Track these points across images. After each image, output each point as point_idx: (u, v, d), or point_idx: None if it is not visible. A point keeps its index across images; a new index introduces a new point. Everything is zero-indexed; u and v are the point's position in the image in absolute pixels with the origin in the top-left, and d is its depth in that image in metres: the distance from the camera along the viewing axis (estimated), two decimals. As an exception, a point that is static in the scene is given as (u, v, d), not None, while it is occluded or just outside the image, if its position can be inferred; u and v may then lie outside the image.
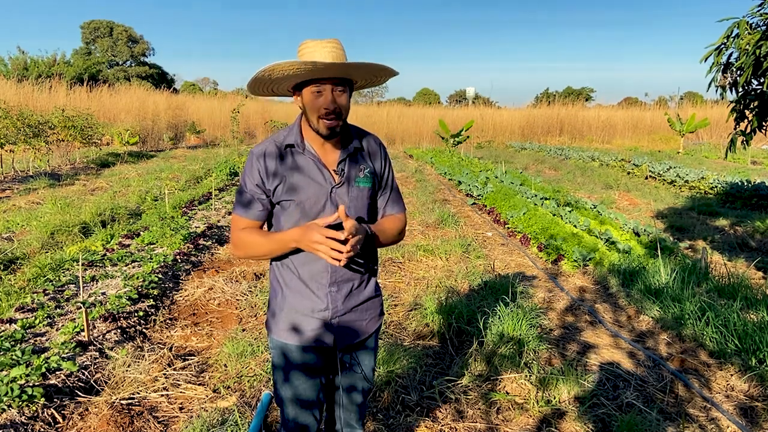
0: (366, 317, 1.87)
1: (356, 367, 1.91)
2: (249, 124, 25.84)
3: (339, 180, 1.74)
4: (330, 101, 1.62)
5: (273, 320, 1.83)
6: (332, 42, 1.65)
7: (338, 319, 1.79)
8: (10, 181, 10.90)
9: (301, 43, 1.68)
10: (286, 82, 1.69)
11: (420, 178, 13.21)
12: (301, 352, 1.79)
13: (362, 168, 1.79)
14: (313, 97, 1.64)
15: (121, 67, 45.51)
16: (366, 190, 1.80)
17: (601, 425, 2.98)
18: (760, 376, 3.42)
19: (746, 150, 8.30)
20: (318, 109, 1.64)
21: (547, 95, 47.85)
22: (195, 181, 11.64)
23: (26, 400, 2.83)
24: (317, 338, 1.78)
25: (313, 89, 1.64)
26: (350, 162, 1.77)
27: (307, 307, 1.77)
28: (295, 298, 1.78)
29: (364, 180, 1.79)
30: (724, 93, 4.88)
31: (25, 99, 18.30)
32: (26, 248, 5.88)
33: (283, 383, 1.84)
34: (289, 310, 1.79)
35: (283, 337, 1.79)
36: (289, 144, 1.73)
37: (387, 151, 1.94)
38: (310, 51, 1.64)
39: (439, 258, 6.12)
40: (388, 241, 1.86)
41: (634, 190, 12.09)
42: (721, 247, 6.99)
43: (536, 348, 3.73)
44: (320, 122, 1.65)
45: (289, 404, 1.84)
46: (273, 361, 1.87)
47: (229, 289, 4.89)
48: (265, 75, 1.62)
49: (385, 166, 1.89)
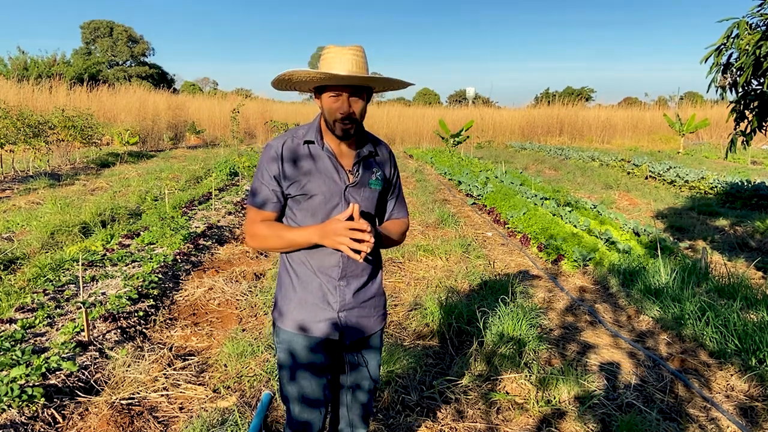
0: (372, 314, 1.91)
1: (362, 365, 1.94)
2: (249, 124, 25.83)
3: (353, 180, 1.80)
4: (346, 108, 1.70)
5: (281, 311, 1.86)
6: (354, 49, 1.70)
7: (346, 312, 1.83)
8: (10, 181, 10.89)
9: (325, 47, 1.74)
10: (307, 85, 1.77)
11: (420, 178, 13.21)
12: (308, 347, 1.82)
13: (374, 171, 1.87)
14: (331, 102, 1.71)
15: (121, 67, 45.51)
16: (376, 193, 1.87)
17: (601, 425, 2.98)
18: (760, 376, 3.42)
19: (746, 150, 8.30)
20: (334, 113, 1.71)
21: (547, 95, 47.84)
22: (195, 181, 11.65)
23: (26, 400, 2.83)
24: (324, 331, 1.81)
25: (331, 94, 1.71)
26: (364, 164, 1.84)
27: (317, 299, 1.81)
28: (304, 290, 1.82)
29: (376, 183, 1.86)
30: (724, 93, 4.88)
31: (25, 99, 18.30)
32: (26, 248, 5.88)
33: (288, 379, 1.86)
34: (299, 302, 1.82)
35: (290, 328, 1.83)
36: (308, 140, 1.78)
37: (396, 159, 2.02)
38: (331, 57, 1.69)
39: (439, 258, 6.12)
40: (391, 244, 1.93)
41: (634, 190, 12.09)
42: (721, 247, 6.99)
43: (536, 348, 3.73)
44: (336, 125, 1.72)
45: (295, 401, 1.87)
46: (279, 357, 1.89)
47: (229, 289, 4.89)
48: (285, 77, 1.72)
49: (394, 172, 1.98)
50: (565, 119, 29.96)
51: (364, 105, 1.75)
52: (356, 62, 1.68)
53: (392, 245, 1.95)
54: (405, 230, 2.01)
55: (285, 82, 1.77)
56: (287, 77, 1.71)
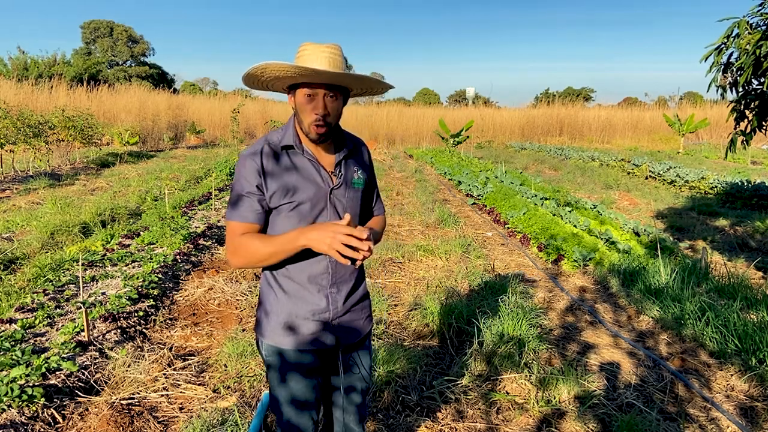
0: (362, 316, 1.89)
1: (354, 367, 1.91)
2: (249, 124, 25.83)
3: (337, 182, 1.75)
4: (321, 107, 1.62)
5: (266, 325, 1.79)
6: (331, 47, 1.63)
7: (339, 319, 1.79)
8: (10, 181, 10.89)
9: (301, 45, 1.67)
10: (281, 82, 1.68)
11: (420, 178, 13.21)
12: (299, 354, 1.77)
13: (356, 170, 1.82)
14: (305, 101, 1.64)
15: (121, 67, 45.51)
16: (359, 192, 1.82)
17: (602, 425, 2.98)
18: (760, 376, 3.42)
19: (746, 150, 8.30)
20: (308, 112, 1.63)
21: (547, 95, 47.84)
22: (195, 181, 11.65)
23: (26, 400, 2.83)
24: (317, 340, 1.76)
25: (306, 92, 1.63)
26: (345, 164, 1.79)
27: (307, 310, 1.75)
28: (293, 303, 1.75)
29: (358, 181, 1.81)
30: (724, 93, 4.88)
31: (25, 99, 18.31)
32: (26, 248, 5.87)
33: (278, 385, 1.81)
34: (287, 315, 1.75)
35: (278, 342, 1.76)
36: (286, 145, 1.70)
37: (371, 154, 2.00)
38: (308, 54, 1.62)
39: (439, 258, 6.12)
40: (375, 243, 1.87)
41: (634, 190, 12.09)
42: (721, 247, 6.98)
43: (536, 348, 3.73)
44: (311, 128, 1.65)
45: (286, 406, 1.81)
46: (268, 363, 1.82)
47: (229, 289, 4.89)
48: (257, 72, 1.61)
49: (371, 168, 1.94)
50: (565, 119, 29.96)
51: (340, 106, 1.68)
52: (333, 60, 1.61)
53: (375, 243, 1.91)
54: (384, 227, 2.01)
55: (256, 78, 1.65)
56: (259, 72, 1.59)
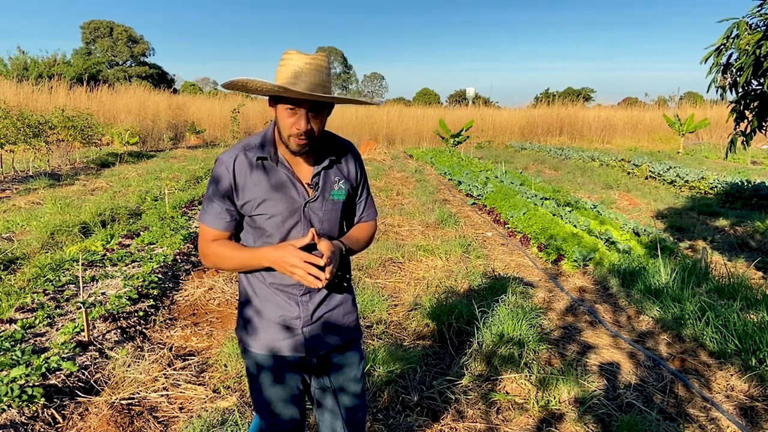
0: (342, 322, 1.81)
1: (341, 372, 1.83)
2: (249, 124, 25.82)
3: (313, 194, 1.68)
4: (303, 124, 1.55)
5: (243, 329, 1.78)
6: (317, 59, 1.54)
7: (310, 326, 1.74)
8: (10, 181, 10.89)
9: (285, 52, 1.58)
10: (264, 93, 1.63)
11: (420, 178, 13.21)
12: (274, 361, 1.74)
13: (337, 180, 1.73)
14: (287, 115, 1.56)
15: (121, 67, 45.52)
16: (340, 203, 1.74)
17: (601, 425, 2.98)
18: (760, 376, 3.42)
19: (746, 150, 8.30)
20: (289, 127, 1.56)
21: (547, 95, 47.84)
22: (195, 181, 11.65)
23: (26, 400, 2.83)
24: (289, 347, 1.73)
25: (287, 107, 1.55)
26: (325, 175, 1.71)
27: (278, 315, 1.72)
28: (265, 307, 1.73)
29: (339, 193, 1.73)
30: (724, 93, 4.88)
31: (25, 99, 18.29)
32: (26, 248, 5.88)
33: (257, 393, 1.79)
34: (260, 319, 1.74)
35: (254, 347, 1.75)
36: (261, 157, 1.64)
37: (361, 157, 1.89)
38: (291, 65, 1.53)
39: (439, 258, 6.12)
40: (360, 249, 1.83)
41: (634, 190, 12.10)
42: (721, 247, 6.98)
43: (536, 348, 3.73)
44: (291, 140, 1.58)
45: (266, 413, 1.80)
46: (247, 370, 1.81)
47: (229, 289, 4.89)
48: (238, 84, 1.55)
49: (360, 173, 1.83)
50: (565, 119, 29.96)
51: (324, 118, 1.61)
52: (317, 75, 1.52)
53: (361, 250, 1.85)
54: (374, 232, 1.90)
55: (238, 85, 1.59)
56: (241, 84, 1.54)
